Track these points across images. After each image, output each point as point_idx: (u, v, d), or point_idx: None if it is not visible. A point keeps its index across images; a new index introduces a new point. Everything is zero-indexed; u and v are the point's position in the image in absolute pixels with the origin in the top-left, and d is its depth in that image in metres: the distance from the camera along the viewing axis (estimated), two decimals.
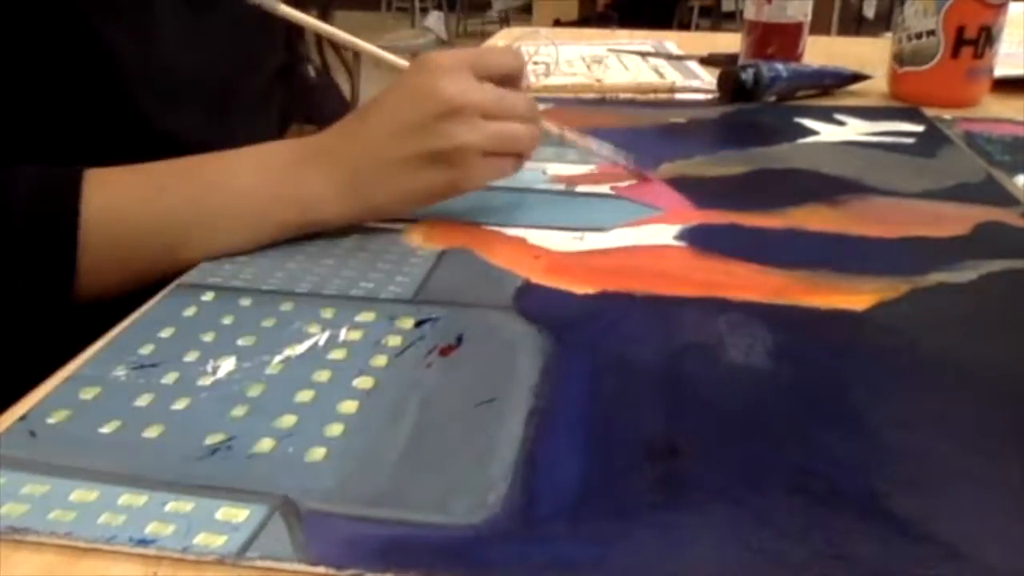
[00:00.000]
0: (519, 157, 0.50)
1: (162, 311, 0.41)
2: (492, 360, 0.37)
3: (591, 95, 0.82)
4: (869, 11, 4.13)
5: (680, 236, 0.50)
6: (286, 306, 0.42)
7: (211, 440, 0.32)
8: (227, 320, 0.40)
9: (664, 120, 0.74)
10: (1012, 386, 0.36)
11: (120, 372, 0.36)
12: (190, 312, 0.41)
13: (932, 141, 0.68)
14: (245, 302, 0.42)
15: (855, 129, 0.71)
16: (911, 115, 0.74)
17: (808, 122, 0.72)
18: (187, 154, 0.48)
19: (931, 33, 0.76)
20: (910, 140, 0.68)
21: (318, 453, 0.31)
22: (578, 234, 0.50)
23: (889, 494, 0.29)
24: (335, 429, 0.33)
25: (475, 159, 0.47)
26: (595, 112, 0.76)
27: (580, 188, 0.57)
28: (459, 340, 0.39)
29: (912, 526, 0.28)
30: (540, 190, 0.57)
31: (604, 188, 0.57)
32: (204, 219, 0.46)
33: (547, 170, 0.60)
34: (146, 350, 0.38)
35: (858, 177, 0.59)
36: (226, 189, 0.47)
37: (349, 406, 0.34)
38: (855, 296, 0.43)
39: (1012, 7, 0.76)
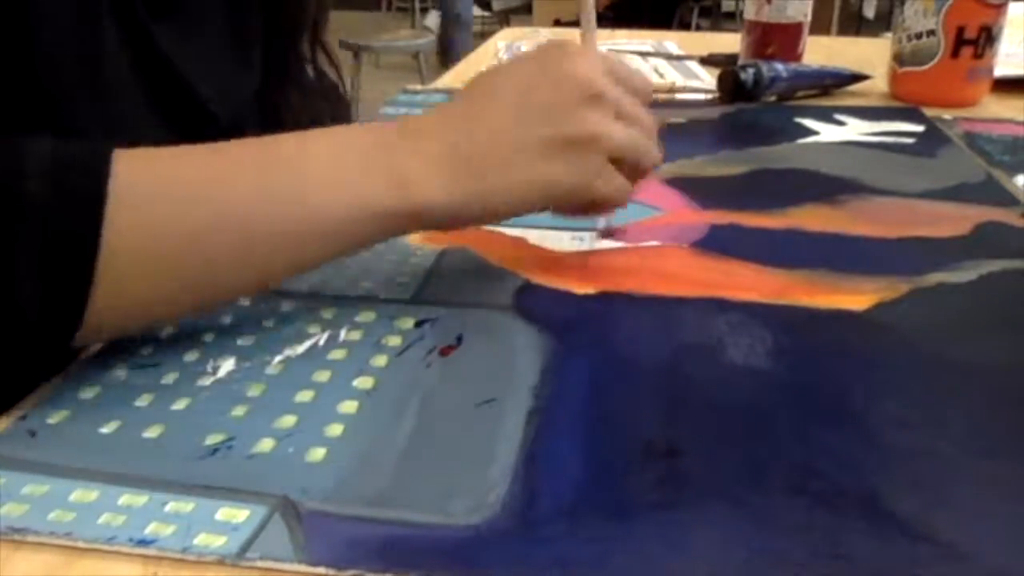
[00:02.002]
0: (636, 179, 0.44)
1: None
2: (492, 360, 0.37)
3: None
4: (869, 11, 4.13)
5: (680, 236, 0.50)
6: (286, 306, 0.42)
7: (211, 440, 0.32)
8: (227, 320, 0.40)
9: (664, 120, 0.73)
10: (1012, 386, 0.36)
11: (120, 372, 0.36)
12: None
13: (932, 141, 0.68)
14: (245, 302, 0.42)
15: (855, 129, 0.71)
16: (911, 115, 0.74)
17: (808, 122, 0.72)
18: None
19: (931, 33, 0.76)
20: (910, 140, 0.68)
21: (318, 453, 0.31)
22: (578, 234, 0.50)
23: (889, 494, 0.29)
24: (335, 429, 0.33)
25: (606, 160, 0.41)
26: None
27: None
28: (459, 340, 0.39)
29: (912, 526, 0.28)
30: None
31: None
32: (280, 215, 0.36)
33: None
34: (146, 350, 0.38)
35: (858, 177, 0.59)
36: (305, 168, 0.37)
37: (349, 406, 0.34)
38: (855, 296, 0.43)
39: (1012, 7, 0.76)
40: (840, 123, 0.72)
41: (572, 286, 0.44)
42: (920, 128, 0.71)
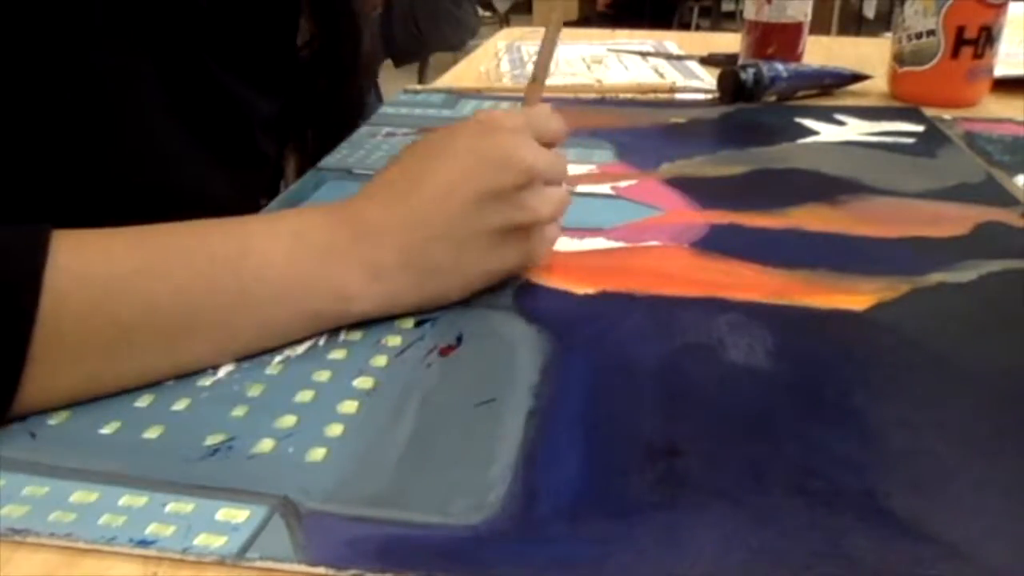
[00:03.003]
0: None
1: None
2: (492, 360, 0.37)
3: (591, 95, 0.82)
4: (869, 11, 4.12)
5: (680, 236, 0.50)
6: None
7: (211, 440, 0.32)
8: None
9: (664, 120, 0.74)
10: (1012, 386, 0.36)
11: None
12: None
13: (932, 141, 0.68)
14: None
15: (855, 129, 0.71)
16: (911, 115, 0.74)
17: (808, 122, 0.72)
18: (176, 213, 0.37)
19: (931, 33, 0.76)
20: (910, 140, 0.68)
21: (318, 453, 0.31)
22: (578, 234, 0.50)
23: (889, 494, 0.29)
24: (335, 429, 0.33)
25: (543, 231, 0.43)
26: (595, 112, 0.76)
27: (580, 188, 0.57)
28: (459, 340, 0.39)
29: (912, 526, 0.28)
30: None
31: (604, 188, 0.57)
32: (215, 309, 0.36)
33: None
34: None
35: (858, 177, 0.59)
36: (247, 270, 0.36)
37: (349, 406, 0.34)
38: (855, 296, 0.43)
39: (1012, 7, 0.76)
40: (840, 123, 0.72)
41: (572, 286, 0.44)
42: (920, 128, 0.71)
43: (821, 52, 0.88)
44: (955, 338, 0.39)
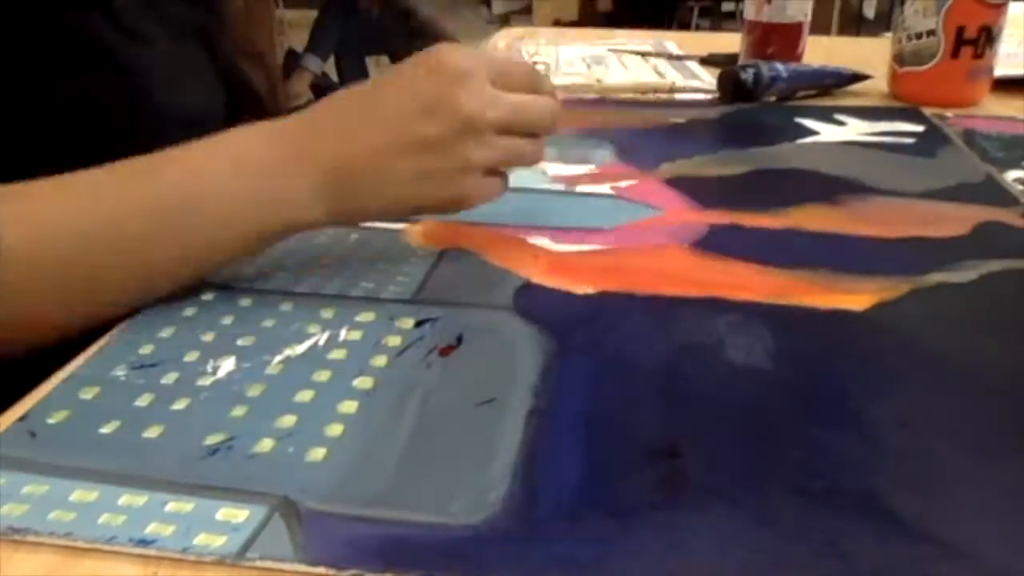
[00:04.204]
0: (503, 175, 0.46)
1: (162, 311, 0.41)
2: (492, 360, 0.37)
3: (591, 95, 0.82)
4: (869, 11, 4.12)
5: (680, 236, 0.50)
6: (286, 306, 0.42)
7: (211, 440, 0.32)
8: (227, 320, 0.40)
9: (664, 120, 0.74)
10: (1012, 386, 0.36)
11: (120, 372, 0.36)
12: (190, 312, 0.41)
13: (932, 141, 0.68)
14: (245, 302, 0.42)
15: (855, 129, 0.71)
16: (911, 115, 0.74)
17: (808, 122, 0.72)
18: None
19: (931, 33, 0.76)
20: (910, 140, 0.68)
21: (318, 453, 0.31)
22: (578, 234, 0.50)
23: (889, 494, 0.29)
24: (335, 429, 0.33)
25: (478, 177, 0.43)
26: (595, 112, 0.76)
27: (580, 188, 0.57)
28: (459, 340, 0.39)
29: (912, 526, 0.28)
30: (540, 190, 0.57)
31: (604, 188, 0.57)
32: (169, 232, 0.39)
33: (547, 170, 0.60)
34: (146, 350, 0.38)
35: (858, 177, 0.59)
36: (194, 194, 0.39)
37: (349, 406, 0.34)
38: (855, 296, 0.43)
39: (1012, 7, 0.76)
40: (840, 123, 0.72)
41: (572, 286, 0.44)
42: (920, 128, 0.71)
43: (821, 52, 0.88)
44: (955, 338, 0.39)
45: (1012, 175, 0.59)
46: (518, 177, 0.58)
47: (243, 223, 0.41)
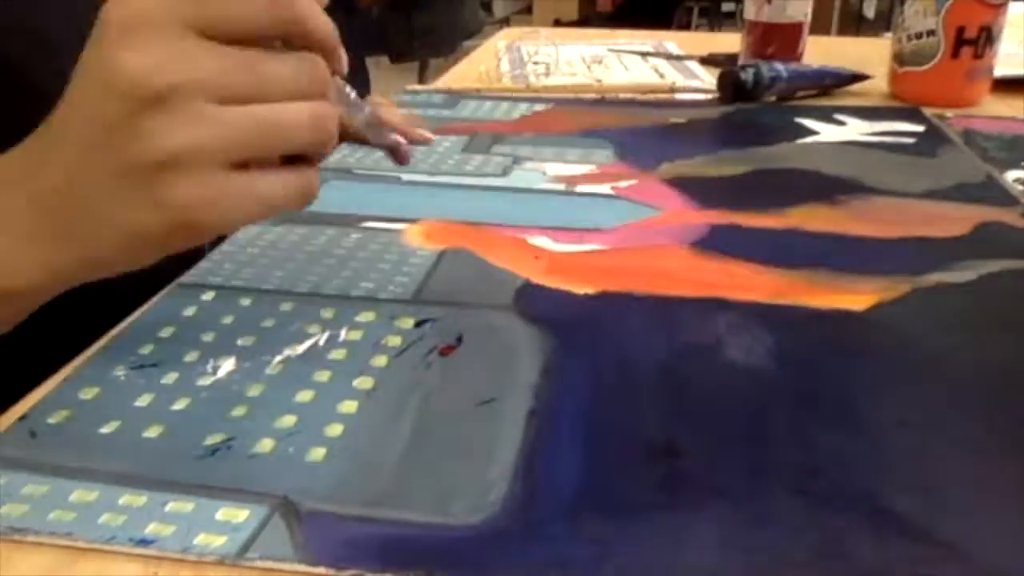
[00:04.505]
0: (311, 161, 0.32)
1: (162, 311, 0.41)
2: (492, 360, 0.37)
3: (591, 95, 0.82)
4: (869, 11, 4.10)
5: (680, 236, 0.50)
6: (286, 306, 0.42)
7: (211, 440, 0.32)
8: (227, 320, 0.40)
9: (664, 120, 0.74)
10: (1012, 386, 0.36)
11: (120, 372, 0.36)
12: (190, 312, 0.41)
13: (932, 141, 0.68)
14: (245, 302, 0.42)
15: (855, 129, 0.71)
16: (911, 115, 0.74)
17: (808, 122, 0.72)
18: None
19: (931, 33, 0.76)
20: (910, 140, 0.68)
21: (318, 453, 0.31)
22: (577, 234, 0.50)
23: (889, 494, 0.29)
24: (335, 429, 0.33)
25: (216, 175, 0.29)
26: (595, 112, 0.76)
27: (580, 188, 0.57)
28: (459, 340, 0.39)
29: (913, 526, 0.28)
30: (540, 190, 0.57)
31: (604, 188, 0.57)
32: None
33: (547, 170, 0.60)
34: (146, 350, 0.38)
35: (858, 177, 0.59)
36: None
37: (349, 406, 0.34)
38: (855, 296, 0.43)
39: (1012, 7, 0.76)
40: (840, 123, 0.72)
41: (572, 286, 0.44)
42: (920, 128, 0.71)
43: (821, 52, 0.88)
44: (955, 338, 0.39)
45: (1013, 175, 0.59)
46: (518, 177, 0.58)
47: None
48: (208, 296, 0.42)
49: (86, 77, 0.30)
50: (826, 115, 0.74)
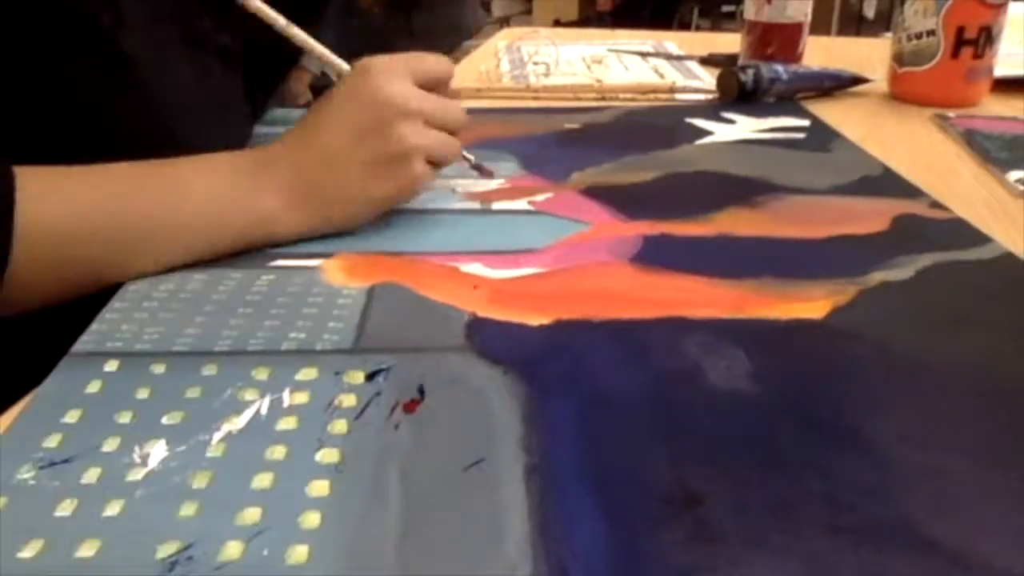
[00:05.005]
0: (437, 167, 0.50)
1: (60, 390, 0.35)
2: (464, 412, 0.33)
3: (591, 93, 0.80)
4: (869, 11, 4.17)
5: (617, 251, 0.47)
6: (209, 369, 0.36)
7: (164, 551, 0.26)
8: (143, 394, 0.34)
9: (558, 126, 0.71)
10: (997, 382, 0.36)
11: (27, 474, 0.30)
12: (94, 388, 0.35)
13: (821, 136, 0.69)
14: (158, 369, 0.36)
15: (746, 127, 0.71)
16: (794, 110, 0.76)
17: (699, 122, 0.72)
18: None
19: (931, 33, 0.77)
20: (800, 135, 0.69)
21: (300, 553, 0.26)
22: (512, 258, 0.46)
23: (923, 521, 0.28)
24: (311, 519, 0.28)
25: (420, 164, 0.47)
26: (487, 121, 0.73)
27: (496, 205, 0.54)
28: (421, 392, 0.35)
29: (956, 553, 0.27)
30: (455, 210, 0.53)
31: (521, 203, 0.54)
32: (153, 229, 0.44)
33: (456, 187, 0.57)
34: (52, 442, 0.31)
35: (765, 176, 0.59)
36: (176, 198, 0.44)
37: (320, 487, 0.29)
38: (808, 303, 0.42)
39: (1012, 7, 0.77)
40: (730, 121, 0.73)
41: (524, 317, 0.40)
42: (806, 123, 0.72)
43: (821, 52, 0.89)
44: (920, 339, 0.39)
45: (1014, 175, 0.60)
46: (429, 196, 0.54)
47: (217, 235, 0.45)
48: (111, 366, 0.36)
49: (353, 96, 0.47)
50: (714, 114, 0.74)
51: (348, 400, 0.34)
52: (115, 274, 0.43)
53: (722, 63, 0.90)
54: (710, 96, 0.82)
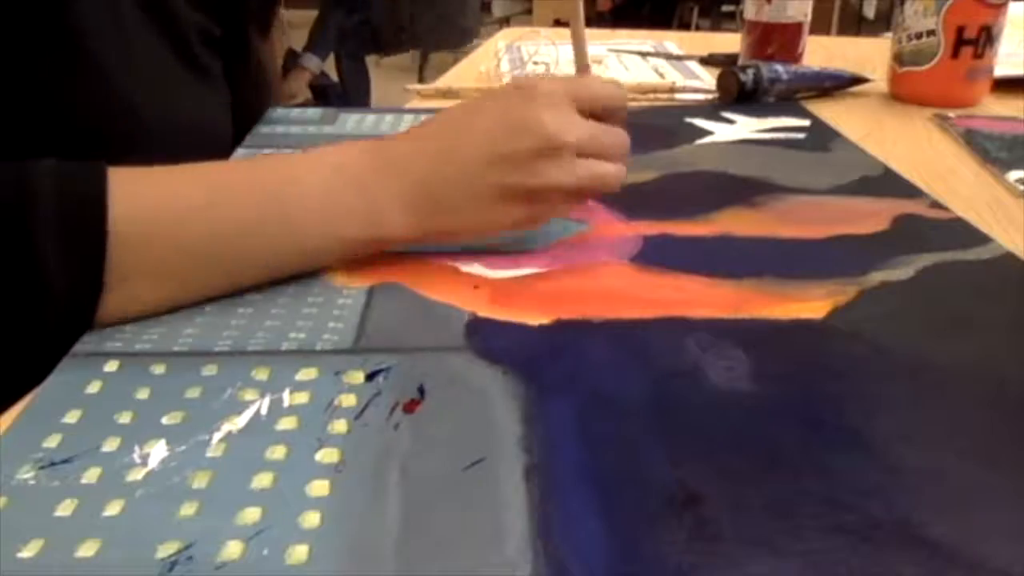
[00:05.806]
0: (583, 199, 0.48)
1: (60, 390, 0.35)
2: (464, 412, 0.33)
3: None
4: (869, 11, 4.14)
5: (617, 251, 0.47)
6: (209, 370, 0.36)
7: (164, 552, 0.26)
8: (142, 394, 0.34)
9: None
10: (999, 384, 0.36)
11: (27, 474, 0.30)
12: (94, 388, 0.35)
13: (822, 135, 0.69)
14: (158, 369, 0.36)
15: (746, 127, 0.71)
16: (794, 110, 0.76)
17: (699, 122, 0.72)
18: None
19: (931, 33, 0.76)
20: (800, 135, 0.69)
21: (300, 553, 0.27)
22: (512, 258, 0.46)
23: (924, 521, 0.28)
24: (311, 519, 0.28)
25: (558, 199, 0.45)
26: None
27: None
28: (421, 392, 0.35)
29: (955, 552, 0.27)
30: None
31: None
32: (265, 236, 0.41)
33: None
34: (52, 442, 0.31)
35: (765, 176, 0.59)
36: (291, 200, 0.42)
37: (319, 487, 0.29)
38: (809, 303, 0.42)
39: (1012, 7, 0.77)
40: (730, 121, 0.73)
41: (524, 317, 0.40)
42: (806, 123, 0.72)
43: (821, 52, 0.89)
44: (920, 339, 0.39)
45: (1014, 175, 0.60)
46: None
47: (331, 232, 0.42)
48: (111, 367, 0.36)
49: (504, 120, 0.43)
50: (714, 114, 0.74)
51: (348, 400, 0.34)
52: (221, 285, 0.41)
53: (722, 63, 0.90)
54: (710, 96, 0.82)
